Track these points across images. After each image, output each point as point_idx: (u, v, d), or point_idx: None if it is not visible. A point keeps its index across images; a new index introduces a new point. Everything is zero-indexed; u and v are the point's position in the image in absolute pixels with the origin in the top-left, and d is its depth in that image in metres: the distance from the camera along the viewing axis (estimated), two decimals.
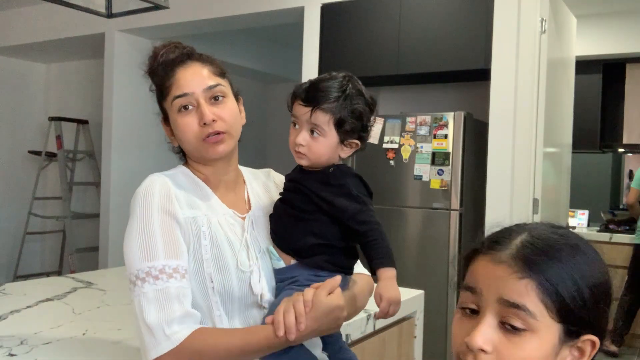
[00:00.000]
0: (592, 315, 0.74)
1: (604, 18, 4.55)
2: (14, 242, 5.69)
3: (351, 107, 1.13)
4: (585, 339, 0.74)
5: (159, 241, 1.05)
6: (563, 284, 0.72)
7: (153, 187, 1.10)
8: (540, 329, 0.71)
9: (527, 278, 0.72)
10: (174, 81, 1.14)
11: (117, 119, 4.64)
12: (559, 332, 0.72)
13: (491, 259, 0.76)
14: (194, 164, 1.21)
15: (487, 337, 0.72)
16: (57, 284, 2.12)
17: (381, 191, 3.51)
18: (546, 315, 0.72)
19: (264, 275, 1.16)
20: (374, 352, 1.81)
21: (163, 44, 1.19)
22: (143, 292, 1.02)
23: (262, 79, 5.96)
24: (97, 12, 2.08)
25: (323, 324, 1.04)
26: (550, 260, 0.73)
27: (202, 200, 1.16)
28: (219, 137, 1.14)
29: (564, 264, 0.73)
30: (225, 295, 1.10)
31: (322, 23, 3.74)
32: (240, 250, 1.14)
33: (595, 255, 0.78)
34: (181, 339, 1.00)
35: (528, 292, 0.72)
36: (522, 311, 0.71)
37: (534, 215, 3.02)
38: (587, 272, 0.74)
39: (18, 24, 5.11)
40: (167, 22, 4.22)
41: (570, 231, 0.81)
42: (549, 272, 0.72)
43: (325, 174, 1.15)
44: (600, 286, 0.75)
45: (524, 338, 0.72)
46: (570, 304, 0.72)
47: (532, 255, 0.73)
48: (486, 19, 3.19)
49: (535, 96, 3.03)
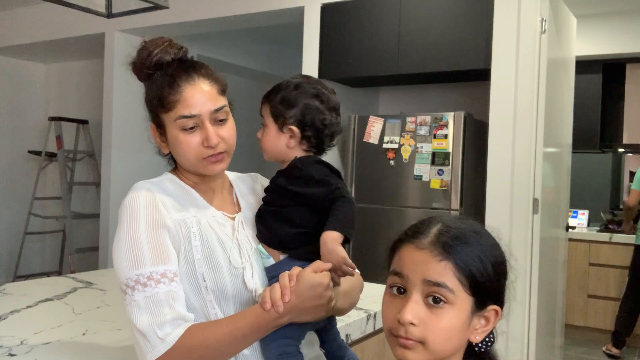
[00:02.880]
0: (495, 288, 0.89)
1: (604, 18, 4.55)
2: (14, 242, 5.69)
3: (283, 95, 1.21)
4: (490, 309, 0.89)
5: (146, 248, 1.07)
6: (473, 263, 0.86)
7: (139, 196, 1.12)
8: (457, 302, 0.86)
9: (445, 260, 0.86)
10: (180, 98, 1.12)
11: (117, 119, 4.64)
12: (471, 303, 0.87)
13: (414, 247, 0.89)
14: (183, 171, 1.22)
15: (415, 312, 0.86)
16: (57, 284, 2.12)
17: (381, 191, 3.51)
18: (461, 290, 0.86)
19: (256, 272, 1.17)
20: (374, 352, 1.81)
21: (155, 41, 1.16)
22: (134, 300, 1.05)
23: (262, 79, 5.95)
24: (97, 12, 2.08)
25: (306, 299, 1.06)
26: (462, 244, 0.87)
27: (190, 204, 1.17)
28: (219, 157, 1.16)
29: (472, 247, 0.88)
30: (219, 293, 1.11)
31: (322, 23, 3.74)
32: (232, 249, 1.15)
33: (493, 239, 0.92)
34: (175, 339, 1.02)
35: (447, 271, 0.86)
36: (443, 288, 0.85)
37: (534, 215, 3.02)
38: (489, 252, 0.89)
39: (18, 24, 5.11)
40: (167, 22, 4.22)
41: (473, 220, 0.95)
42: (462, 254, 0.86)
43: (290, 168, 1.21)
44: (501, 264, 0.91)
45: (445, 310, 0.85)
46: (479, 279, 0.86)
47: (448, 241, 0.87)
48: (486, 19, 3.19)
49: (535, 96, 3.03)
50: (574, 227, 5.02)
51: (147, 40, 1.18)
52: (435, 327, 0.85)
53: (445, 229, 0.89)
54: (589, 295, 4.78)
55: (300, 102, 1.20)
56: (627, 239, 4.56)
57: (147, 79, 1.17)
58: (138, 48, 1.17)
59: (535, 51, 3.03)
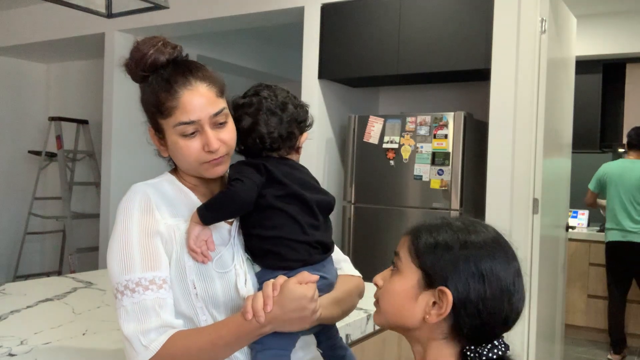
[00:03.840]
0: (442, 267, 0.93)
1: (604, 18, 4.55)
2: (14, 242, 5.69)
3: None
4: (439, 290, 0.92)
5: (136, 254, 1.07)
6: (425, 239, 0.96)
7: (134, 200, 1.11)
8: (404, 270, 0.97)
9: (407, 235, 1.00)
10: (178, 104, 1.09)
11: (117, 119, 4.64)
12: (419, 276, 0.95)
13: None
14: (182, 173, 1.20)
15: (383, 276, 1.03)
16: (57, 284, 2.12)
17: (381, 191, 3.51)
18: (409, 260, 0.97)
19: (250, 278, 1.16)
20: (374, 352, 1.81)
21: (149, 41, 1.12)
22: (122, 305, 1.05)
23: (262, 79, 5.93)
24: (97, 12, 2.08)
25: (288, 310, 1.04)
26: (424, 223, 1.00)
27: (186, 208, 1.16)
28: (220, 160, 1.14)
29: (429, 227, 0.98)
30: (209, 300, 1.10)
31: (322, 23, 3.74)
32: (223, 253, 1.14)
33: (459, 225, 0.98)
34: (158, 346, 1.02)
35: (404, 243, 1.00)
36: (396, 256, 1.00)
37: (534, 215, 3.02)
38: (447, 233, 0.96)
39: (18, 24, 5.11)
40: (167, 22, 4.22)
41: (452, 217, 1.07)
42: (421, 231, 0.98)
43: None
44: (451, 247, 0.94)
45: (395, 276, 0.99)
46: (423, 252, 0.95)
47: (422, 224, 1.00)
48: (486, 19, 3.19)
49: (535, 96, 3.03)
50: (574, 227, 5.02)
51: (139, 40, 1.13)
52: (386, 288, 1.00)
53: (436, 221, 1.00)
54: (589, 295, 4.78)
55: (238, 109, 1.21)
56: None
57: (142, 81, 1.14)
58: (131, 49, 1.13)
59: (535, 51, 3.03)
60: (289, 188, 1.16)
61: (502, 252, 0.95)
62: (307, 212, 1.17)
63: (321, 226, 1.20)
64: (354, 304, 1.28)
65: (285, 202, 1.15)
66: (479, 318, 0.91)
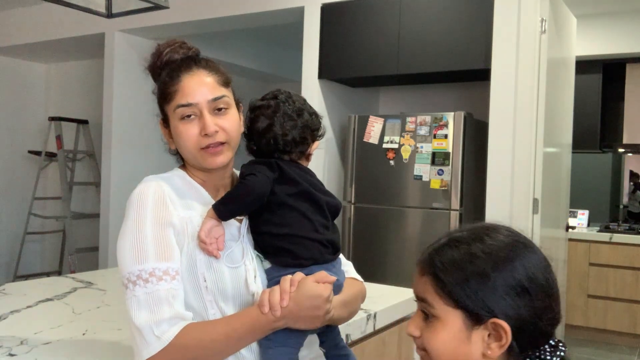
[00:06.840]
0: (481, 299, 0.83)
1: (604, 18, 4.55)
2: (14, 242, 5.69)
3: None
4: (492, 322, 0.82)
5: (150, 244, 1.06)
6: (447, 274, 0.84)
7: (147, 191, 1.11)
8: (442, 316, 0.85)
9: (426, 275, 0.87)
10: (178, 88, 1.13)
11: (117, 119, 4.64)
12: (462, 317, 0.84)
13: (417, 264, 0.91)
14: (191, 168, 1.21)
15: (416, 323, 0.90)
16: (57, 284, 2.12)
17: (381, 191, 3.51)
18: (442, 304, 0.85)
19: (259, 275, 1.16)
20: (374, 352, 1.81)
21: (167, 42, 1.19)
22: (134, 295, 1.05)
23: (262, 79, 5.96)
24: (97, 12, 2.08)
25: (304, 308, 1.05)
26: (434, 253, 0.87)
27: (198, 202, 1.16)
28: (219, 148, 1.14)
29: (443, 256, 0.86)
30: (218, 293, 1.10)
31: (322, 23, 3.74)
32: (234, 249, 1.14)
33: (467, 235, 0.88)
34: (170, 337, 1.02)
35: (427, 286, 0.87)
36: (425, 303, 0.87)
37: (534, 216, 3.02)
38: (467, 260, 0.84)
39: (18, 24, 5.11)
40: (167, 22, 4.22)
41: (472, 231, 0.90)
42: (434, 266, 0.86)
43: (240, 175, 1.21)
44: (483, 273, 0.83)
45: (434, 324, 0.86)
46: (455, 291, 0.83)
47: (432, 253, 0.88)
48: (486, 19, 3.19)
49: (535, 96, 3.03)
50: (574, 227, 5.02)
51: (160, 43, 1.21)
52: (430, 340, 0.87)
53: (439, 247, 0.88)
54: (589, 295, 4.77)
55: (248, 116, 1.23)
56: (627, 239, 4.56)
57: (158, 78, 1.19)
58: (152, 52, 1.20)
59: (535, 51, 3.03)
60: (301, 186, 1.18)
61: (525, 250, 0.87)
62: (319, 212, 1.19)
63: (330, 227, 1.22)
64: (358, 308, 1.29)
65: (297, 200, 1.17)
66: (537, 328, 0.85)
